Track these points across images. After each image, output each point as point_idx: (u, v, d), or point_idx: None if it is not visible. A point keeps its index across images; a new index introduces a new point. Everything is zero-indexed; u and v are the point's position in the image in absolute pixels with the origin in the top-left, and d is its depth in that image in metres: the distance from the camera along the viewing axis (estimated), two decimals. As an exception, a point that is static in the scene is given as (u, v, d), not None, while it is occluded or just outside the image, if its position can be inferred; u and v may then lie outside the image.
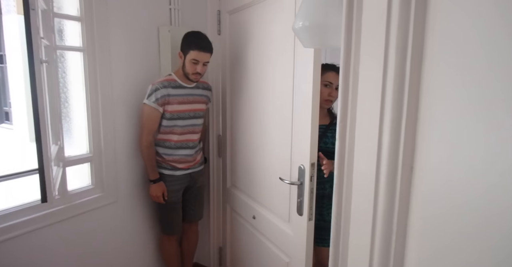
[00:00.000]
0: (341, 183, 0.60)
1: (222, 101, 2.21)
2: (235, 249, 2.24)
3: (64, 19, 1.70)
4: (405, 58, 0.46)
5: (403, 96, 0.47)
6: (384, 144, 0.49)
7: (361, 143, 0.55)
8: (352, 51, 0.55)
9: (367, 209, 0.55)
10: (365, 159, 0.54)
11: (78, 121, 1.83)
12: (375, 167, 0.50)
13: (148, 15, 1.99)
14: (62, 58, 1.74)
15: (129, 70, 1.92)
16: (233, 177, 2.18)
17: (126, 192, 1.98)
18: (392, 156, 0.48)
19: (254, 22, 1.83)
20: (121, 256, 2.01)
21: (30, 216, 1.53)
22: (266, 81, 1.74)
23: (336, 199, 0.60)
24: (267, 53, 1.72)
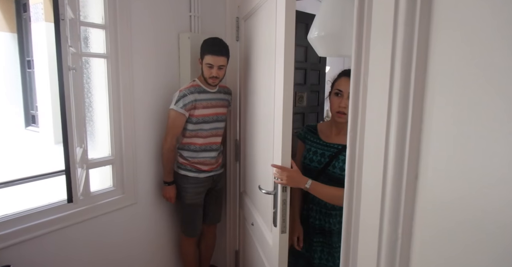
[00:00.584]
0: (351, 191, 0.62)
1: (239, 106, 2.24)
2: (251, 253, 2.25)
3: (89, 27, 1.77)
4: (410, 68, 0.47)
5: (408, 107, 0.48)
6: (390, 151, 0.51)
7: (369, 151, 0.56)
8: (362, 61, 0.56)
9: (375, 215, 0.57)
10: (372, 166, 0.55)
11: (101, 125, 1.90)
12: (381, 175, 0.52)
13: (168, 22, 2.05)
14: (87, 64, 1.82)
15: (149, 75, 1.98)
16: (244, 183, 2.20)
17: (145, 194, 2.03)
18: (397, 163, 0.50)
19: (258, 27, 1.76)
20: (140, 256, 2.06)
21: (56, 216, 1.60)
22: (258, 83, 1.71)
23: (346, 207, 0.61)
24: (263, 57, 1.61)
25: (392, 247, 0.51)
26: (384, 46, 0.49)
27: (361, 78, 0.54)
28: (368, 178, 0.57)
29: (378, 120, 0.52)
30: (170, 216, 2.21)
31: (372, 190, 0.55)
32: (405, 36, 0.46)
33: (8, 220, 1.47)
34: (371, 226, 0.55)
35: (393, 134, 0.50)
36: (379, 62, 0.51)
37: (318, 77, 3.95)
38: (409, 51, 0.47)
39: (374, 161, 0.54)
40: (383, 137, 0.52)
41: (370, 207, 0.56)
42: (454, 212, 0.46)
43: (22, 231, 1.49)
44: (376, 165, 0.53)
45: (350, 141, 0.57)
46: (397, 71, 0.48)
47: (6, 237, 1.45)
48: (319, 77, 3.96)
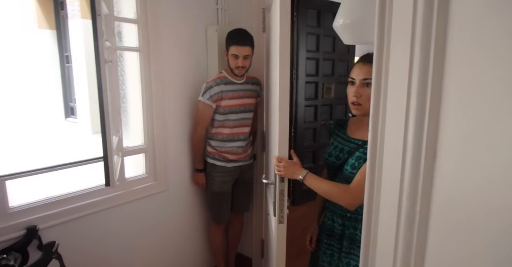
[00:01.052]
0: (373, 173, 0.64)
1: (266, 97, 2.28)
2: None
3: (122, 22, 1.86)
4: (428, 56, 0.49)
5: (426, 95, 0.50)
6: (409, 134, 0.53)
7: (390, 137, 0.58)
8: (384, 48, 0.58)
9: (394, 200, 0.59)
10: (392, 150, 0.57)
11: (134, 115, 2.00)
12: (401, 156, 0.54)
13: (196, 16, 2.11)
14: (121, 58, 1.92)
15: (178, 68, 2.05)
16: (267, 173, 2.24)
17: (176, 181, 2.13)
18: (416, 145, 0.52)
19: (272, 16, 1.82)
20: (170, 240, 2.17)
21: (95, 199, 1.73)
22: (273, 74, 1.70)
23: (368, 190, 0.64)
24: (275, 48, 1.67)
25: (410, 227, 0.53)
26: (403, 37, 0.51)
27: (383, 68, 0.56)
28: (387, 174, 0.59)
29: (398, 110, 0.54)
30: (200, 203, 2.30)
31: (391, 186, 0.58)
32: (423, 26, 0.48)
33: (52, 202, 1.61)
34: (390, 209, 0.58)
35: (411, 124, 0.53)
36: (400, 47, 0.53)
37: (346, 68, 3.90)
38: (427, 42, 0.49)
39: (393, 154, 0.56)
40: (402, 124, 0.54)
41: (389, 199, 0.59)
42: (467, 207, 0.48)
43: (65, 212, 1.63)
44: (395, 159, 0.55)
45: (372, 131, 0.60)
46: (417, 54, 0.50)
47: (51, 217, 1.59)
48: (348, 68, 3.91)
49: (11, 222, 1.48)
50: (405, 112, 0.53)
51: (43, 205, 1.58)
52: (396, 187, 0.55)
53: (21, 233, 1.50)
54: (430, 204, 0.52)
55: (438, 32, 0.48)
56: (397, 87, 0.55)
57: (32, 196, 1.60)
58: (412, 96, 0.52)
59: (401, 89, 0.54)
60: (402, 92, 0.54)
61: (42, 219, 1.56)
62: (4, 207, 1.48)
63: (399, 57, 0.54)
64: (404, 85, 0.53)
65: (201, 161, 2.09)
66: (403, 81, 0.53)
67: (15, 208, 1.52)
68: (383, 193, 0.60)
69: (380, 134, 0.61)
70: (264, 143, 2.35)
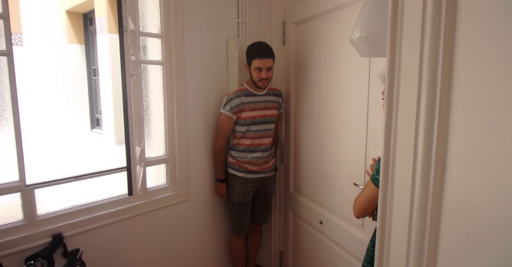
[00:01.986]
0: (386, 183, 0.64)
1: (287, 109, 2.30)
2: (298, 253, 2.29)
3: (147, 37, 1.93)
4: (436, 64, 0.50)
5: (435, 106, 0.51)
6: (419, 144, 0.53)
7: (401, 145, 0.59)
8: (396, 61, 0.59)
9: (405, 203, 0.59)
10: (403, 159, 0.58)
11: (156, 126, 2.06)
12: (411, 167, 0.54)
13: (218, 29, 2.16)
14: (145, 71, 1.98)
15: (200, 80, 2.10)
16: (297, 183, 2.25)
17: (197, 191, 2.15)
18: (426, 155, 0.52)
19: (320, 31, 1.93)
20: (190, 250, 2.18)
21: (118, 208, 1.77)
22: (336, 87, 1.83)
23: (382, 196, 0.64)
24: (336, 59, 1.81)
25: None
26: (413, 45, 0.52)
27: (395, 76, 0.57)
28: (399, 175, 0.59)
29: (409, 114, 0.55)
30: (220, 213, 2.31)
31: (403, 187, 0.58)
32: (432, 35, 0.49)
33: (77, 210, 1.66)
34: (402, 215, 0.57)
35: (421, 127, 0.53)
36: (410, 61, 0.53)
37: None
38: (435, 49, 0.49)
39: (405, 156, 0.56)
40: (412, 132, 0.54)
41: (402, 200, 0.58)
42: (478, 217, 0.48)
43: (89, 220, 1.68)
44: (407, 160, 0.56)
45: (385, 137, 0.60)
46: (425, 67, 0.50)
47: (76, 225, 1.64)
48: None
49: (39, 230, 1.54)
50: (415, 126, 0.53)
51: (68, 213, 1.64)
52: (407, 199, 0.56)
53: (47, 240, 1.55)
54: (440, 215, 0.52)
55: (446, 43, 0.48)
56: (407, 99, 0.56)
57: (58, 205, 1.66)
58: (421, 108, 0.52)
59: (411, 102, 0.54)
60: (412, 106, 0.54)
61: (67, 227, 1.61)
62: (33, 215, 1.54)
63: (409, 70, 0.55)
64: (413, 98, 0.53)
65: (223, 171, 2.12)
66: (412, 93, 0.54)
67: (43, 216, 1.58)
68: (395, 205, 0.60)
69: (392, 146, 0.61)
70: (282, 154, 2.36)
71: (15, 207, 1.52)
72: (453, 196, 0.50)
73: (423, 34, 0.50)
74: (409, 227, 0.54)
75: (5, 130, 1.42)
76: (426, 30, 0.49)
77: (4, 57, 1.37)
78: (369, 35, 0.88)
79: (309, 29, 2.03)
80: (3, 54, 1.37)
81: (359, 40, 0.91)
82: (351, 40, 0.94)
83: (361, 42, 0.91)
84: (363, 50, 0.93)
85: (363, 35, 0.89)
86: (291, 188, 2.31)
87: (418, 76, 0.51)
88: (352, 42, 0.94)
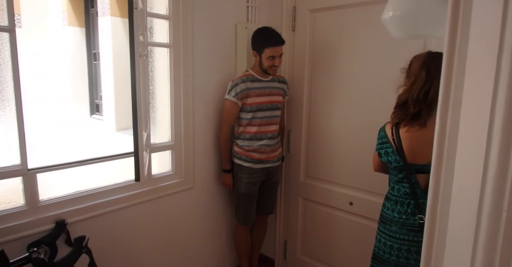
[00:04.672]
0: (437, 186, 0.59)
1: (295, 97, 2.23)
2: (309, 240, 2.31)
3: (154, 18, 1.85)
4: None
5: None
6: (494, 147, 0.47)
7: (465, 142, 0.53)
8: (458, 40, 0.53)
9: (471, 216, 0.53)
10: (468, 165, 0.52)
11: (162, 111, 1.99)
12: (481, 174, 0.48)
13: (227, 13, 2.08)
14: (152, 53, 1.90)
15: (208, 65, 2.03)
16: (311, 170, 2.24)
17: (202, 179, 2.10)
18: (501, 162, 0.46)
19: (343, 22, 1.97)
20: (194, 238, 2.14)
21: (122, 195, 1.72)
22: (363, 76, 1.91)
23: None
24: (360, 50, 1.89)
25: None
26: (490, 18, 0.46)
27: (455, 61, 0.51)
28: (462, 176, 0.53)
29: (479, 106, 0.49)
30: (226, 202, 2.27)
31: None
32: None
33: (81, 196, 1.61)
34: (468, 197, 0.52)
35: (497, 127, 0.47)
36: (483, 37, 0.47)
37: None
38: None
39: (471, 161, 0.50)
40: (486, 128, 0.48)
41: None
42: None
43: (93, 207, 1.63)
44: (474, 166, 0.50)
45: (439, 128, 0.54)
46: (507, 46, 0.44)
47: (80, 212, 1.59)
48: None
49: (41, 216, 1.49)
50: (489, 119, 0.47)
51: (72, 199, 1.58)
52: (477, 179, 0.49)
53: (50, 227, 1.50)
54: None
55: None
56: (476, 90, 0.49)
57: (61, 191, 1.61)
58: (499, 100, 0.46)
59: (481, 95, 0.48)
60: (485, 92, 0.48)
61: (71, 213, 1.56)
62: (35, 201, 1.48)
63: (481, 51, 0.48)
64: (487, 90, 0.47)
65: (228, 161, 2.06)
66: (485, 83, 0.47)
67: (45, 201, 1.52)
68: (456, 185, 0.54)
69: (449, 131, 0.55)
70: (289, 143, 2.31)
71: (17, 192, 1.46)
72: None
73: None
74: (478, 215, 0.48)
75: (7, 111, 1.35)
76: None
77: (6, 33, 1.30)
78: (403, 14, 0.81)
79: (330, 18, 2.03)
80: (5, 30, 1.29)
81: (392, 19, 0.84)
82: (383, 19, 0.87)
83: (394, 21, 0.84)
84: (396, 30, 0.87)
85: (397, 14, 0.83)
86: (302, 176, 2.27)
87: (496, 59, 0.45)
88: (384, 22, 0.87)
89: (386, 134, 1.36)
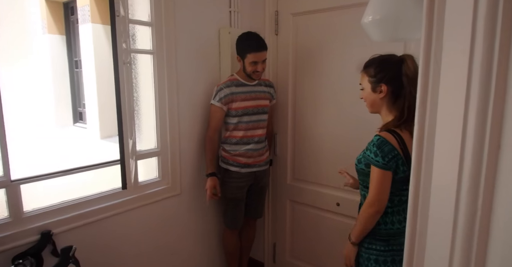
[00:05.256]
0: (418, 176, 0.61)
1: (279, 100, 2.26)
2: (298, 242, 2.33)
3: (137, 25, 1.84)
4: (493, 45, 0.46)
5: (489, 89, 0.47)
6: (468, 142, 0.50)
7: (442, 137, 0.55)
8: (433, 42, 0.55)
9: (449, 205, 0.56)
10: (446, 151, 0.54)
11: (147, 118, 1.98)
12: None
13: (209, 18, 2.10)
14: (135, 60, 1.90)
15: (192, 70, 2.04)
16: (298, 172, 2.26)
17: (189, 185, 2.10)
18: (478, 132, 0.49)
19: (324, 25, 2.02)
20: (183, 244, 2.13)
21: (109, 203, 1.70)
22: (347, 79, 1.94)
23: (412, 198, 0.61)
24: (342, 51, 1.94)
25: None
26: (462, 21, 0.48)
27: (431, 62, 0.53)
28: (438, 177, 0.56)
29: (454, 103, 0.51)
30: (214, 207, 2.27)
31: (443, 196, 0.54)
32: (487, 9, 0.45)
33: (66, 206, 1.58)
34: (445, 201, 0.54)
35: (471, 124, 0.50)
36: (456, 38, 0.50)
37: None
38: (492, 25, 0.46)
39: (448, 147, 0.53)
40: (460, 123, 0.51)
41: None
42: None
43: (79, 216, 1.60)
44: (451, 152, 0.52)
45: (418, 125, 0.57)
46: (478, 46, 0.47)
47: (65, 222, 1.56)
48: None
49: (26, 227, 1.46)
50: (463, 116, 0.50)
51: (57, 209, 1.56)
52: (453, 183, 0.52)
53: (36, 238, 1.47)
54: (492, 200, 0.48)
55: (505, 21, 0.45)
56: (452, 85, 0.52)
57: (46, 201, 1.58)
58: (472, 95, 0.49)
59: (457, 87, 0.51)
60: (459, 92, 0.51)
61: (56, 223, 1.54)
62: (19, 212, 1.45)
63: (454, 52, 0.51)
64: (462, 84, 0.50)
65: (211, 164, 2.00)
66: (459, 79, 0.50)
67: (30, 212, 1.50)
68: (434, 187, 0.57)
69: (427, 133, 0.58)
70: (275, 147, 2.33)
71: (0, 203, 1.43)
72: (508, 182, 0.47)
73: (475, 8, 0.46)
74: (455, 216, 0.51)
75: (-13, 122, 1.32)
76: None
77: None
78: (383, 18, 0.84)
79: (313, 22, 2.06)
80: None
81: (372, 23, 0.87)
82: (363, 23, 0.90)
83: (374, 25, 0.87)
84: (376, 34, 0.90)
85: (376, 18, 0.86)
86: (289, 179, 2.29)
87: (468, 58, 0.47)
88: (364, 26, 0.90)
89: (393, 146, 1.20)
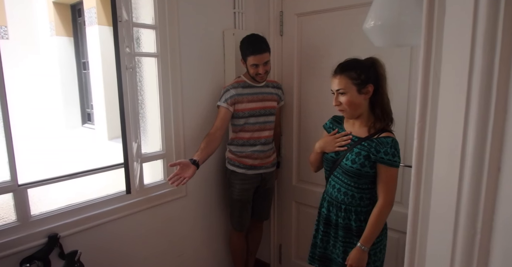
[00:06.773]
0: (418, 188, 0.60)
1: (285, 101, 2.24)
2: (304, 244, 2.29)
3: (141, 28, 1.85)
4: (493, 52, 0.45)
5: (490, 98, 0.46)
6: (469, 146, 0.48)
7: (442, 146, 0.54)
8: (433, 49, 0.54)
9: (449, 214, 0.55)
10: (446, 162, 0.53)
11: (152, 121, 1.99)
12: (458, 170, 0.50)
13: (214, 20, 2.09)
14: (140, 64, 1.91)
15: (196, 72, 2.04)
16: (304, 174, 2.24)
17: (194, 187, 2.10)
18: (477, 158, 0.47)
19: (329, 25, 1.99)
20: (190, 246, 2.14)
21: (114, 206, 1.71)
22: None
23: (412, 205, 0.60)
24: (348, 52, 1.84)
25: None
26: (461, 28, 0.47)
27: (431, 69, 0.52)
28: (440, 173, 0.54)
29: (454, 112, 0.50)
30: (219, 209, 2.27)
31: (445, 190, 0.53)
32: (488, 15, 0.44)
33: (73, 209, 1.60)
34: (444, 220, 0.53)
35: (472, 131, 0.48)
36: (455, 45, 0.48)
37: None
38: (493, 31, 0.44)
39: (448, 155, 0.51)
40: (460, 131, 0.49)
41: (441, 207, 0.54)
42: None
43: (85, 220, 1.62)
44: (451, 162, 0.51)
45: (418, 134, 0.55)
46: (478, 53, 0.45)
47: (72, 225, 1.58)
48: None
49: (33, 231, 1.48)
50: (464, 120, 0.49)
51: (64, 212, 1.58)
52: (452, 205, 0.51)
53: (43, 241, 1.49)
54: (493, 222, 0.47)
55: (506, 27, 0.43)
56: (452, 94, 0.51)
57: (53, 204, 1.60)
58: (472, 106, 0.47)
59: (457, 96, 0.49)
60: (459, 99, 0.49)
61: (63, 227, 1.56)
62: (26, 216, 1.47)
63: (454, 59, 0.50)
64: (462, 93, 0.48)
65: (201, 153, 1.78)
66: (460, 83, 0.49)
67: (37, 216, 1.52)
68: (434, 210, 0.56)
69: (428, 141, 0.56)
70: (280, 148, 2.32)
71: (8, 208, 1.45)
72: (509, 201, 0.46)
73: (475, 14, 0.44)
74: (454, 235, 0.50)
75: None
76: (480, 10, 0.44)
77: (-10, 50, 1.29)
78: (384, 23, 0.83)
79: (318, 22, 2.04)
80: (-11, 47, 1.28)
81: (374, 28, 0.86)
82: (364, 28, 0.89)
83: (376, 31, 0.86)
84: (378, 39, 0.88)
85: (378, 24, 0.84)
86: (294, 180, 2.28)
87: (468, 68, 0.46)
88: (366, 31, 0.89)
89: None
